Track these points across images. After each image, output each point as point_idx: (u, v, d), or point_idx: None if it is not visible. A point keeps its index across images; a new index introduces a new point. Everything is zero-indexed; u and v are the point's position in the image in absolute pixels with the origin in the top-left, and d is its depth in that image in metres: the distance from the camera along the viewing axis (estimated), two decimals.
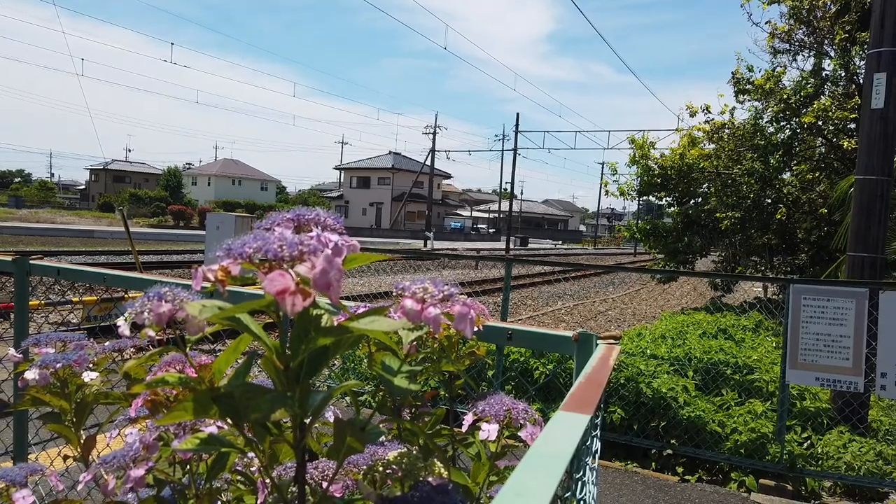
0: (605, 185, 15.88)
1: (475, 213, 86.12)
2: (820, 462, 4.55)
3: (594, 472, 0.92)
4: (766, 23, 12.25)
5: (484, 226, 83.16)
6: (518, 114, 41.81)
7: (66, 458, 1.10)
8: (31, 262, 2.16)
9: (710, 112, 12.75)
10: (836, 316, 4.35)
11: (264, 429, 0.68)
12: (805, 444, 4.70)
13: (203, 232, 19.75)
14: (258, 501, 0.85)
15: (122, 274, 1.92)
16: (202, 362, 0.83)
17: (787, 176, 11.88)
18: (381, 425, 0.94)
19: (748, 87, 11.70)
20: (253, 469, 0.90)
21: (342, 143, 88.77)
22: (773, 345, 7.26)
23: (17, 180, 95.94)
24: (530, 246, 57.30)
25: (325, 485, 0.76)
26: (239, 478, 0.91)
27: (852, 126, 10.53)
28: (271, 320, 0.65)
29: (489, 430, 0.90)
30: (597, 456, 0.96)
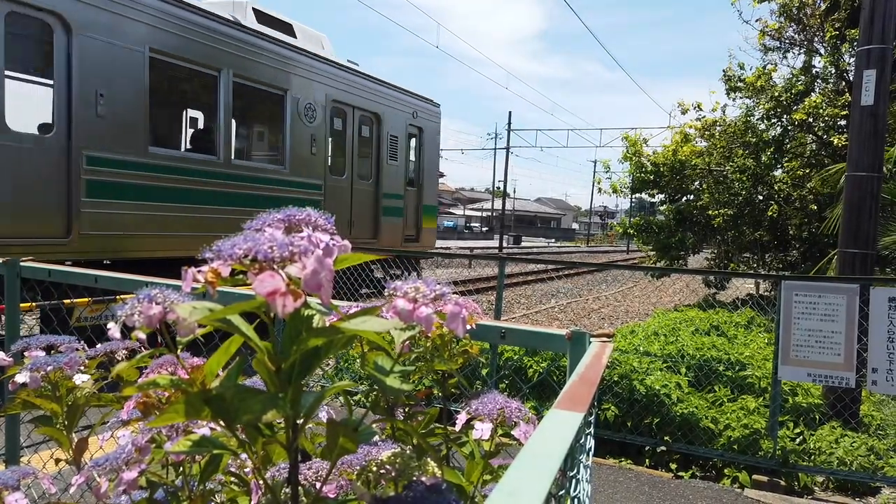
0: (598, 183, 15.93)
1: (468, 212, 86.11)
2: (812, 457, 4.57)
3: (588, 470, 0.92)
4: (756, 20, 12.30)
5: (477, 224, 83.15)
6: (510, 112, 41.87)
7: (58, 460, 1.10)
8: (22, 263, 2.15)
9: (701, 109, 12.81)
10: (828, 312, 4.37)
11: (256, 430, 0.68)
12: (797, 440, 4.73)
13: None
14: (252, 502, 0.85)
15: (113, 275, 1.91)
16: (194, 364, 0.83)
17: (778, 173, 11.95)
18: (374, 425, 0.94)
19: (739, 84, 11.76)
20: (247, 470, 0.90)
21: None
22: (766, 341, 7.30)
23: None
24: (523, 244, 57.35)
25: (318, 485, 0.76)
26: (232, 479, 0.91)
27: (843, 123, 10.60)
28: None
29: (483, 429, 0.90)
30: (591, 453, 0.96)
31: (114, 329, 0.78)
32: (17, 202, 5.95)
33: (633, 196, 15.32)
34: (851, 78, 8.94)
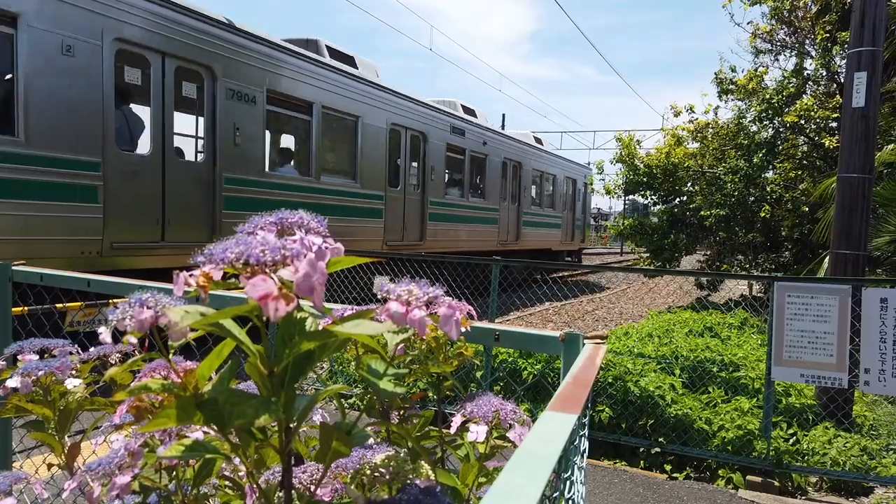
0: (591, 184, 15.97)
1: None
2: (806, 458, 4.59)
3: (582, 472, 0.92)
4: (748, 23, 12.40)
5: None
6: (504, 115, 41.90)
7: (50, 465, 1.09)
8: (14, 267, 2.14)
9: (693, 112, 12.86)
10: (820, 313, 4.39)
11: (249, 434, 0.68)
12: (791, 441, 4.74)
13: None
14: None
15: (106, 279, 1.90)
16: (187, 367, 0.83)
17: (770, 174, 12.01)
18: (369, 428, 0.94)
19: (731, 87, 11.83)
20: (241, 474, 0.90)
21: None
22: (759, 342, 7.32)
23: None
24: None
25: (312, 489, 0.76)
26: (226, 483, 0.91)
27: (834, 125, 10.66)
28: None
29: (478, 432, 0.90)
30: (585, 455, 0.96)
31: (105, 333, 0.78)
32: None
33: (627, 197, 15.38)
34: (842, 80, 9.00)
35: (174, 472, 0.92)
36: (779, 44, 11.90)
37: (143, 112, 7.37)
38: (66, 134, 6.26)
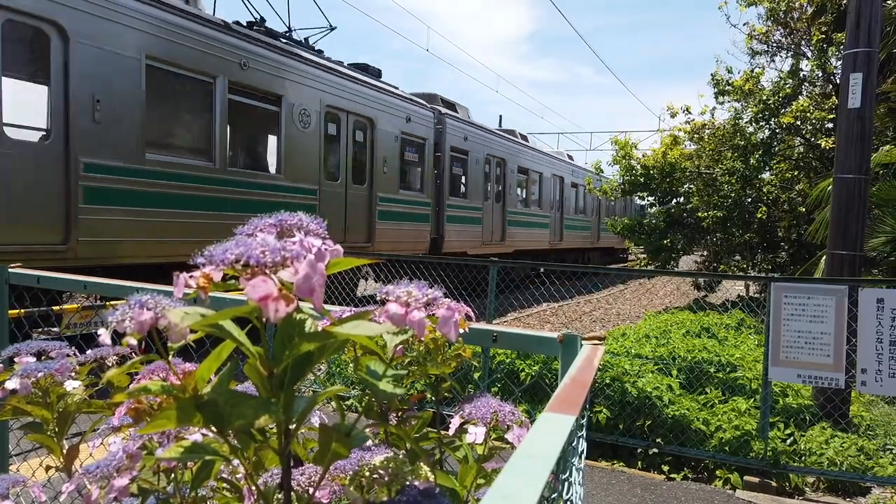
0: (589, 184, 15.99)
1: None
2: (803, 458, 4.60)
3: (580, 473, 0.93)
4: (744, 24, 12.46)
5: None
6: (500, 116, 41.90)
7: (48, 468, 1.09)
8: (10, 269, 2.13)
9: (690, 113, 12.88)
10: (817, 313, 4.40)
11: (248, 436, 0.68)
12: (788, 441, 4.75)
13: None
14: None
15: (102, 281, 1.90)
16: (186, 369, 0.83)
17: (766, 175, 12.03)
18: (367, 430, 0.94)
19: (727, 88, 11.84)
20: (239, 476, 0.90)
21: None
22: (756, 342, 7.33)
23: None
24: None
25: (311, 491, 0.76)
26: (225, 485, 0.91)
27: (830, 126, 10.68)
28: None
29: (476, 433, 0.90)
30: (583, 456, 0.96)
31: (104, 335, 0.78)
32: None
33: (624, 198, 15.41)
34: (838, 81, 9.03)
35: (172, 475, 0.92)
36: (775, 45, 11.92)
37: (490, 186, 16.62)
38: (473, 194, 15.39)
